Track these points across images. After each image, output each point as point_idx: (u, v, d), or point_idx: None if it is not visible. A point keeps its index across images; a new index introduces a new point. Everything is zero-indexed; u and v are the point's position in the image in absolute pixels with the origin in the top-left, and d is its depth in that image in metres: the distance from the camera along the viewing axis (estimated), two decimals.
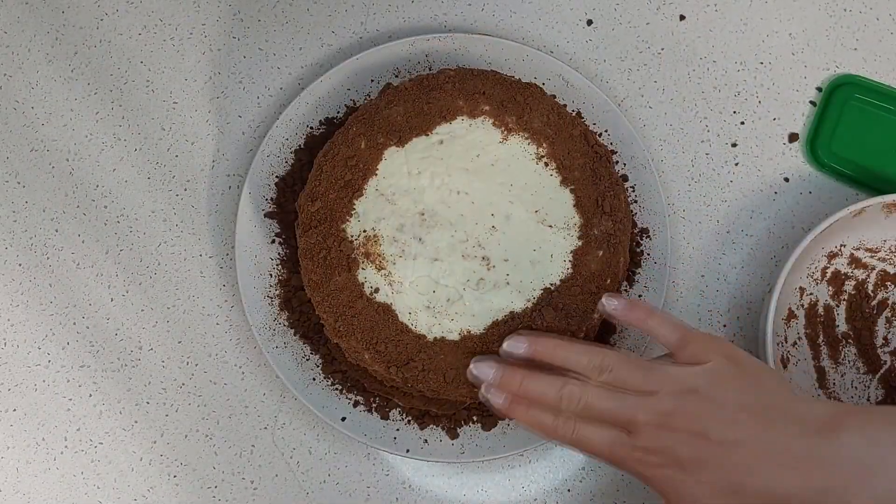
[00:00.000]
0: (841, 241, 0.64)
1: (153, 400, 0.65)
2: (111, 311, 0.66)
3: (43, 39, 0.70)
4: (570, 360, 0.51)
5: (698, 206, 0.67)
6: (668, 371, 0.50)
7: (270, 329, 0.63)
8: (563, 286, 0.58)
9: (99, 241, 0.67)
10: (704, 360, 0.50)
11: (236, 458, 0.64)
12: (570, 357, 0.51)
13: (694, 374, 0.49)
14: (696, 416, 0.48)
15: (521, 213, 0.59)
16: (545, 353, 0.52)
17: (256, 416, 0.64)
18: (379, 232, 0.58)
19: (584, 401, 0.50)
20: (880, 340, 0.64)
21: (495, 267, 0.58)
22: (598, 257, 0.58)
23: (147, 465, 0.64)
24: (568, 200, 0.59)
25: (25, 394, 0.65)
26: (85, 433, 0.64)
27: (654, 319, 0.52)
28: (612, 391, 0.50)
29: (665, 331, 0.52)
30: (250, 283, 0.63)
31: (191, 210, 0.67)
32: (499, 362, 0.54)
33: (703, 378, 0.49)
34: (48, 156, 0.68)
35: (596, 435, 0.50)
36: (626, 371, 0.50)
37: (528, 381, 0.51)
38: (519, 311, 0.57)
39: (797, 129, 0.68)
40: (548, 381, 0.51)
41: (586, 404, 0.50)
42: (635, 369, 0.50)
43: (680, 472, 0.48)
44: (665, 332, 0.51)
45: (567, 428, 0.50)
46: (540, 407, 0.51)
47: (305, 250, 0.59)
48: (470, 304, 0.57)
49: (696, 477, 0.47)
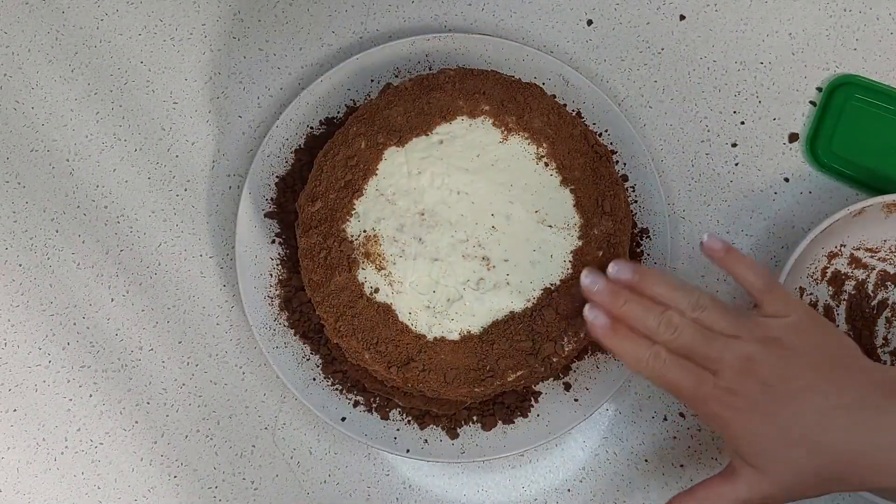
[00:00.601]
0: (841, 241, 0.64)
1: (154, 400, 0.65)
2: (111, 312, 0.66)
3: (43, 40, 0.70)
4: (669, 294, 0.53)
5: (698, 206, 0.67)
6: (755, 319, 0.52)
7: (270, 329, 0.63)
8: (564, 286, 0.58)
9: (99, 242, 0.67)
10: (786, 315, 0.52)
11: (237, 459, 0.64)
12: (669, 291, 0.53)
13: (778, 325, 0.51)
14: (777, 364, 0.50)
15: (521, 213, 0.59)
16: (648, 283, 0.54)
17: (257, 416, 0.64)
18: (379, 232, 0.58)
19: (679, 331, 0.51)
20: (880, 340, 0.64)
21: (495, 267, 0.58)
22: (599, 257, 0.58)
23: (147, 465, 0.64)
24: (568, 200, 0.59)
25: (26, 394, 0.65)
26: (85, 433, 0.64)
27: (744, 263, 0.54)
28: (704, 330, 0.52)
29: (752, 277, 0.53)
30: (250, 284, 0.63)
31: (191, 210, 0.67)
32: (608, 280, 0.55)
33: (785, 330, 0.51)
34: (48, 156, 0.68)
35: (684, 371, 0.51)
36: (718, 313, 0.52)
37: (632, 303, 0.53)
38: (519, 311, 0.57)
39: (797, 129, 0.68)
40: (650, 306, 0.53)
41: (681, 335, 0.51)
42: (726, 313, 0.52)
43: (756, 416, 0.49)
44: (752, 278, 0.53)
45: (658, 362, 0.51)
46: (636, 338, 0.52)
47: (305, 250, 0.59)
48: (470, 303, 0.57)
49: (770, 422, 0.49)
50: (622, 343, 0.53)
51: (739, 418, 0.50)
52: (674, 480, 0.63)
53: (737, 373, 0.50)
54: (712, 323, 0.52)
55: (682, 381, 0.51)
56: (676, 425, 0.64)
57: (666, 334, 0.52)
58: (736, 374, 0.50)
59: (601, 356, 0.62)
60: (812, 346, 0.51)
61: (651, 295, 0.53)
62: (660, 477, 0.63)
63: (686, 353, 0.52)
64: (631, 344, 0.52)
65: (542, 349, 0.57)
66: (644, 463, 0.63)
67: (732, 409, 0.50)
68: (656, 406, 0.64)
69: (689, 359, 0.51)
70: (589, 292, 0.54)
